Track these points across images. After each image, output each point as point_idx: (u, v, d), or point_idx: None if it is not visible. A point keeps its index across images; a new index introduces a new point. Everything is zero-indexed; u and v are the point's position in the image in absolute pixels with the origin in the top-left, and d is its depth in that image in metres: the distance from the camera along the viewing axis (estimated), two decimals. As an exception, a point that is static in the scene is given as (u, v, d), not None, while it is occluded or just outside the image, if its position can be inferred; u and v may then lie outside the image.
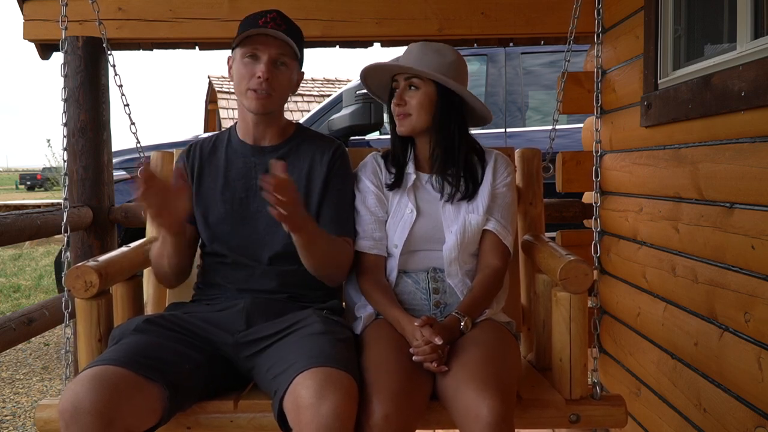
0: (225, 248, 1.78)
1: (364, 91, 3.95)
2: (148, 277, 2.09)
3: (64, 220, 1.91)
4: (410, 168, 1.86)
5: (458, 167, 1.81)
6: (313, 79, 10.85)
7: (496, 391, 1.39)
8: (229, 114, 9.51)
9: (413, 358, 1.54)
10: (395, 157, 1.88)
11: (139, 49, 3.04)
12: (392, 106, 1.82)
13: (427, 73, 1.77)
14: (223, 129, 1.96)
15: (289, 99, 1.90)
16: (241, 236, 1.78)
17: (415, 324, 1.59)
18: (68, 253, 1.92)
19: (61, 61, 2.06)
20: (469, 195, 1.81)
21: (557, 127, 2.43)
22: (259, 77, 1.70)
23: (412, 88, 1.79)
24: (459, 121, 1.82)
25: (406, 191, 1.83)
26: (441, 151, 1.81)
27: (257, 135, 1.83)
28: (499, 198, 1.83)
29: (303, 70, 1.88)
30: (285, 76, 1.77)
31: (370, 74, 1.89)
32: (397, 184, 1.83)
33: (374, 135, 4.31)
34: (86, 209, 2.76)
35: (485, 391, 1.39)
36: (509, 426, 1.39)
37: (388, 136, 1.95)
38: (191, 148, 1.88)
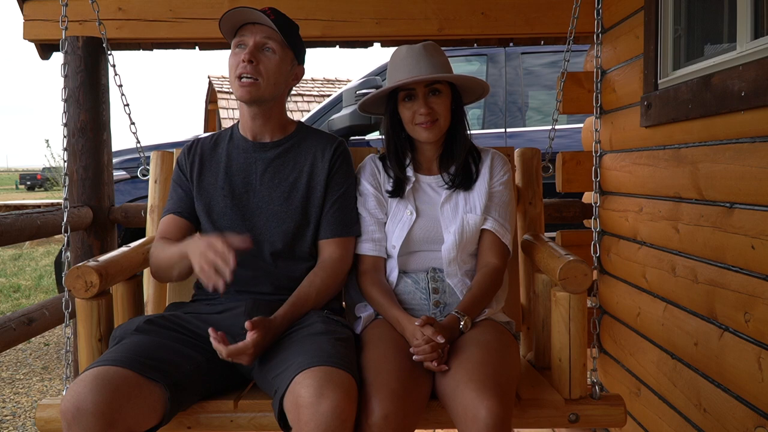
0: None
1: (364, 90, 3.95)
2: (148, 277, 2.09)
3: (65, 220, 1.90)
4: (409, 171, 1.86)
5: (457, 164, 1.83)
6: (313, 79, 10.85)
7: (495, 392, 1.40)
8: (229, 114, 9.51)
9: (413, 357, 1.54)
10: (395, 164, 1.86)
11: (139, 49, 3.05)
12: (413, 113, 1.78)
13: (468, 78, 1.79)
14: (223, 129, 1.96)
15: (288, 99, 1.89)
16: (241, 231, 1.78)
17: (416, 324, 1.59)
18: (68, 253, 1.92)
19: (61, 61, 2.06)
20: (465, 187, 1.81)
21: (557, 127, 2.43)
22: (243, 61, 1.71)
23: (436, 93, 1.79)
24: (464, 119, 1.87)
25: (406, 194, 1.83)
26: (456, 149, 1.83)
27: (256, 129, 1.83)
28: (497, 197, 1.83)
29: (303, 65, 1.86)
30: (272, 61, 1.74)
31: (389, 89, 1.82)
32: (397, 192, 1.83)
33: (374, 135, 4.31)
34: (86, 209, 2.76)
35: (484, 392, 1.39)
36: (507, 427, 1.39)
37: None
38: (193, 144, 1.89)
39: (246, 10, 1.71)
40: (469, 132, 1.87)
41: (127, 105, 2.51)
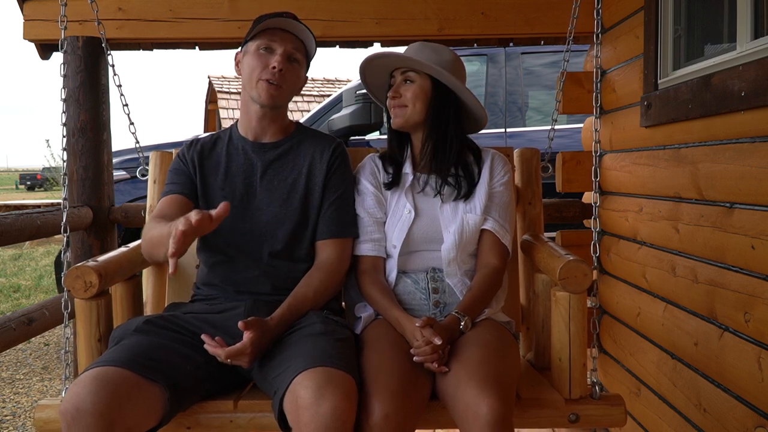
0: (225, 245, 1.78)
1: (364, 91, 3.95)
2: (147, 277, 2.09)
3: (64, 219, 1.90)
4: (407, 168, 1.86)
5: (453, 166, 1.82)
6: (313, 79, 10.85)
7: (496, 390, 1.40)
8: (229, 114, 9.51)
9: (414, 359, 1.54)
10: (392, 157, 1.89)
11: (139, 49, 3.05)
12: (388, 99, 1.85)
13: (422, 63, 1.79)
14: (223, 129, 1.97)
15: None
16: (241, 232, 1.78)
17: (416, 325, 1.59)
18: (68, 253, 1.92)
19: (61, 61, 2.06)
20: (465, 195, 1.81)
21: (557, 127, 2.43)
22: (274, 67, 1.73)
23: (408, 81, 1.82)
24: (454, 119, 1.84)
25: (404, 191, 1.83)
26: (432, 146, 1.83)
27: (259, 130, 1.83)
28: (497, 197, 1.83)
29: (307, 75, 1.90)
30: (296, 72, 1.80)
31: (369, 71, 1.90)
32: (394, 183, 1.84)
33: (374, 135, 4.31)
34: (86, 209, 2.76)
35: (485, 389, 1.39)
36: (509, 425, 1.39)
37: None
38: (192, 143, 1.88)
39: (291, 21, 1.75)
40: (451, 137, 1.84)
41: (126, 105, 2.51)
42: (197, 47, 3.02)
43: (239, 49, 1.85)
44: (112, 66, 2.48)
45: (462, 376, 1.47)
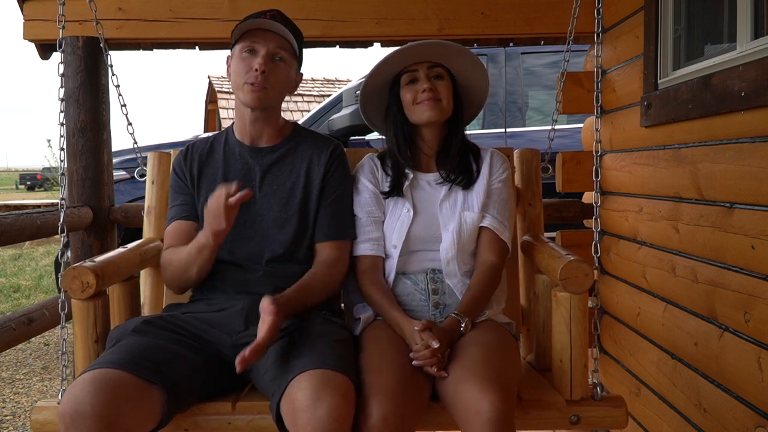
0: (226, 251, 1.77)
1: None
2: (145, 278, 2.09)
3: (61, 220, 1.90)
4: (407, 168, 1.86)
5: (458, 158, 1.84)
6: (313, 79, 10.85)
7: (497, 388, 1.39)
8: (229, 114, 9.50)
9: (413, 362, 1.54)
10: (393, 161, 1.86)
11: (139, 49, 3.04)
12: (415, 93, 1.80)
13: (474, 56, 1.85)
14: (219, 131, 1.96)
15: (288, 99, 1.90)
16: (242, 239, 1.77)
17: (415, 328, 1.58)
18: (68, 254, 1.91)
19: (59, 60, 2.05)
20: (465, 184, 1.81)
21: (557, 127, 2.43)
22: (256, 70, 1.71)
23: (439, 78, 1.81)
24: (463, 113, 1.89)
25: (403, 191, 1.83)
26: (456, 141, 1.84)
27: (254, 134, 1.82)
28: (495, 194, 1.83)
29: (302, 71, 1.88)
30: (282, 71, 1.77)
31: (381, 70, 1.84)
32: (395, 188, 1.83)
33: (374, 135, 4.31)
34: (86, 209, 2.76)
35: (486, 387, 1.39)
36: (510, 422, 1.39)
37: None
38: (188, 150, 1.87)
39: (272, 21, 1.72)
40: (465, 131, 1.89)
41: (125, 105, 2.51)
42: (197, 47, 3.01)
43: (229, 52, 1.84)
44: (110, 66, 2.48)
45: (463, 374, 1.46)
